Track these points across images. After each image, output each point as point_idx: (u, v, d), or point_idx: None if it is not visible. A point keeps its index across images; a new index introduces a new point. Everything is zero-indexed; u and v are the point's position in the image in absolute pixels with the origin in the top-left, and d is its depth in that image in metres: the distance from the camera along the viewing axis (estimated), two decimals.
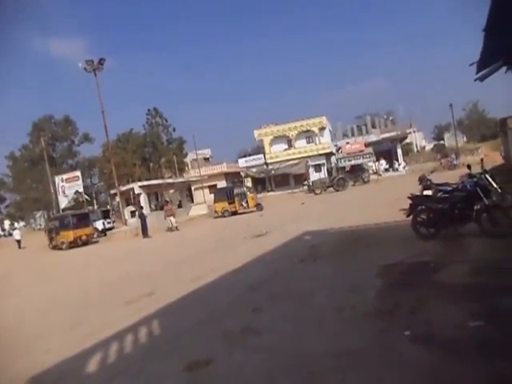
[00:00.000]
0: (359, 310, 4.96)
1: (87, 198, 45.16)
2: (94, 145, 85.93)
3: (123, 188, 35.09)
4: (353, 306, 5.12)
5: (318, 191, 34.90)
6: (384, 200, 17.70)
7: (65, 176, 39.53)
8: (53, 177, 40.67)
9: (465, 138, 66.52)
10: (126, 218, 32.64)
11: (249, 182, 47.46)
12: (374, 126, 63.51)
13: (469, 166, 9.47)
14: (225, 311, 5.94)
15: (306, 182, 42.09)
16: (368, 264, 7.12)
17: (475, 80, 8.34)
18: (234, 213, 27.62)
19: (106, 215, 32.71)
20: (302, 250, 9.41)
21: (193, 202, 46.16)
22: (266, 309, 5.63)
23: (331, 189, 34.64)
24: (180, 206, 37.90)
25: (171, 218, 23.59)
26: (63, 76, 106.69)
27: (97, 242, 25.76)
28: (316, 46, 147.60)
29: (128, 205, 37.15)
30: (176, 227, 23.20)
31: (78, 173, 40.21)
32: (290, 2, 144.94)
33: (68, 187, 38.28)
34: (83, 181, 43.94)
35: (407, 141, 56.89)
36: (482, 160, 28.79)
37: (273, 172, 47.41)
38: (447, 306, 4.62)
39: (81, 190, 39.01)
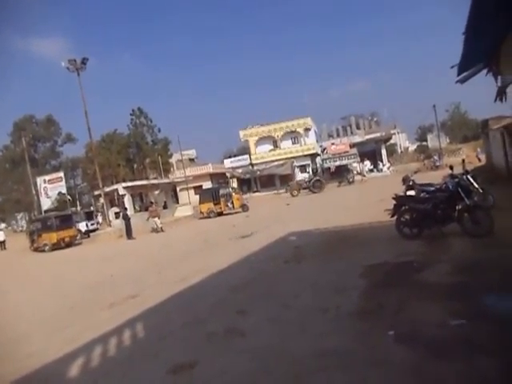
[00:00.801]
0: (343, 310, 4.99)
1: (70, 198, 44.55)
2: (78, 145, 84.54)
3: (107, 189, 34.76)
4: (337, 306, 5.15)
5: (294, 193, 35.10)
6: (368, 200, 17.86)
7: (47, 177, 38.94)
8: (35, 178, 40.01)
9: (447, 139, 67.43)
10: (110, 219, 32.29)
11: (234, 183, 47.37)
12: (358, 127, 64.09)
13: (451, 167, 9.61)
14: (209, 313, 5.90)
15: (290, 183, 42.23)
16: (352, 264, 7.17)
17: (456, 82, 8.46)
18: (220, 214, 27.53)
19: (89, 216, 32.31)
20: (287, 251, 9.43)
21: (178, 202, 45.96)
22: (250, 310, 5.62)
23: (307, 190, 34.99)
24: (165, 206, 37.72)
25: (156, 219, 23.42)
26: (45, 76, 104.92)
27: (80, 243, 25.40)
28: (301, 46, 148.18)
29: (112, 206, 36.81)
30: (161, 228, 23.03)
31: (62, 174, 39.63)
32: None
33: (51, 188, 37.73)
34: (66, 182, 43.29)
35: (391, 142, 57.47)
36: (463, 161, 29.32)
37: (258, 173, 47.43)
38: (430, 305, 4.68)
39: (64, 191, 38.46)
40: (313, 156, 48.84)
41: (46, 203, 38.01)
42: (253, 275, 7.73)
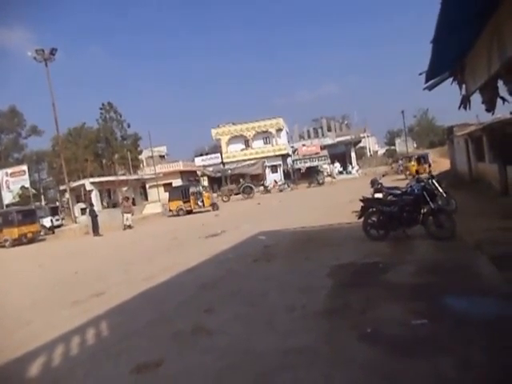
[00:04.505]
0: (310, 309, 5.04)
1: (35, 192, 43.14)
2: (44, 138, 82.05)
3: (74, 184, 33.83)
4: (304, 305, 5.20)
5: (225, 199, 35.69)
6: (338, 202, 18.15)
7: (9, 170, 37.58)
8: None
9: (415, 144, 69.28)
10: (76, 215, 31.48)
11: (205, 181, 47.15)
12: (329, 130, 64.98)
13: (417, 172, 9.87)
14: (176, 311, 5.84)
15: (262, 182, 42.52)
16: (320, 264, 7.26)
17: (424, 89, 8.72)
18: (189, 212, 27.29)
19: (54, 212, 31.35)
20: (256, 250, 9.45)
21: (147, 200, 45.25)
22: (217, 309, 5.60)
23: (240, 196, 36.35)
24: (134, 203, 36.99)
25: (129, 215, 23.05)
26: (8, 67, 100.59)
27: (44, 239, 24.64)
28: (275, 47, 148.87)
29: (78, 201, 35.86)
30: (129, 225, 22.66)
31: (25, 167, 38.25)
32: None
33: (13, 182, 36.41)
34: (30, 176, 41.89)
35: (361, 145, 58.59)
36: (429, 166, 30.23)
37: (229, 171, 47.35)
38: (394, 305, 4.79)
39: (27, 185, 37.18)
40: (284, 157, 49.20)
41: (7, 197, 36.64)
42: (221, 274, 7.70)
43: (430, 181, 9.40)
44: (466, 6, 4.81)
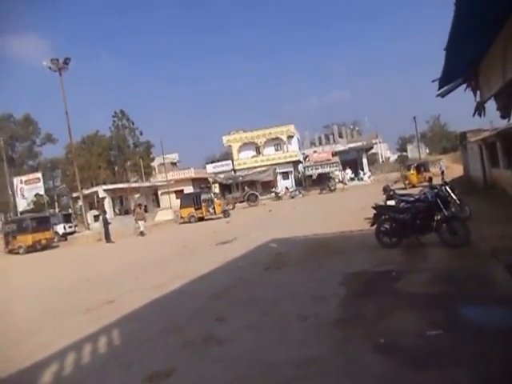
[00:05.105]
0: (322, 318, 4.99)
1: (49, 200, 43.68)
2: (58, 146, 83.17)
3: (87, 191, 34.18)
4: (316, 314, 5.14)
5: (230, 206, 34.74)
6: (349, 209, 18.01)
7: (24, 177, 38.13)
8: (11, 178, 39.08)
9: (427, 150, 68.76)
10: (89, 222, 31.76)
11: (216, 188, 47.28)
12: (340, 136, 64.85)
13: (430, 178, 9.77)
14: (188, 320, 5.82)
15: (273, 189, 42.50)
16: (332, 272, 7.20)
17: (437, 96, 8.65)
18: (201, 219, 27.36)
19: (67, 219, 31.69)
20: (268, 258, 9.41)
21: (159, 206, 45.50)
22: (229, 317, 5.57)
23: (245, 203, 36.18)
24: (146, 210, 37.21)
25: (142, 222, 23.22)
26: (24, 75, 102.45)
27: (57, 246, 24.89)
28: (287, 53, 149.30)
29: (91, 209, 36.19)
30: (141, 232, 22.80)
31: (39, 174, 38.85)
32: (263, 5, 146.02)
33: (27, 189, 36.94)
34: (45, 183, 42.50)
35: (373, 151, 58.24)
36: (442, 172, 29.85)
37: (240, 178, 47.41)
38: (408, 314, 4.72)
39: (42, 192, 37.70)
40: (295, 163, 49.14)
41: (21, 204, 37.15)
42: (233, 282, 7.67)
43: (443, 187, 9.27)
44: (480, 13, 4.75)
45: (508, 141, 13.64)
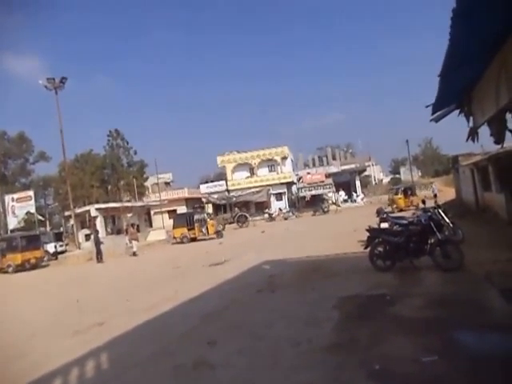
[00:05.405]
0: (316, 343, 4.90)
1: (41, 218, 43.23)
2: (51, 164, 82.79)
3: (79, 210, 33.91)
4: (309, 339, 5.05)
5: (220, 227, 34.69)
6: (343, 230, 17.98)
7: (16, 195, 37.70)
8: (3, 195, 38.72)
9: (419, 173, 69.35)
10: (80, 241, 31.39)
11: (210, 209, 47.13)
12: (334, 158, 65.35)
13: (423, 201, 9.82)
14: (178, 344, 5.70)
15: (266, 210, 42.49)
16: (326, 295, 7.12)
17: (430, 120, 8.78)
18: (193, 239, 27.13)
19: (58, 238, 31.31)
20: (261, 280, 9.31)
21: (151, 226, 45.19)
22: (221, 341, 5.46)
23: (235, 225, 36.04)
24: (138, 230, 36.92)
25: (135, 242, 23.03)
26: (19, 93, 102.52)
27: (47, 265, 24.50)
28: (281, 75, 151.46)
29: (83, 227, 35.84)
30: (134, 252, 22.56)
31: (31, 192, 38.41)
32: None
33: (19, 207, 36.49)
34: (36, 201, 42.05)
35: (366, 173, 58.64)
36: (435, 195, 30.02)
37: (234, 199, 47.36)
38: (402, 340, 4.65)
39: (33, 210, 37.27)
40: (289, 184, 49.29)
41: (12, 222, 36.68)
42: (225, 304, 7.56)
43: (436, 211, 9.31)
44: (474, 41, 4.86)
45: (499, 165, 13.80)
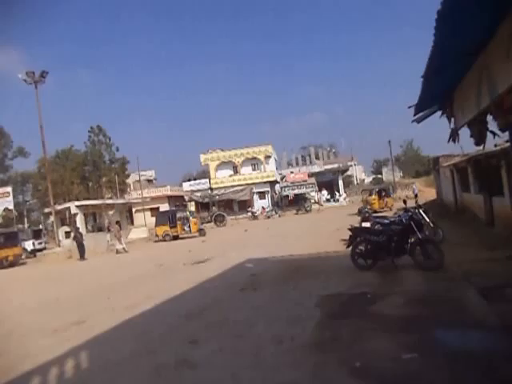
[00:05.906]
0: (298, 342, 4.92)
1: (17, 215, 42.35)
2: (30, 160, 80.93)
3: (59, 207, 33.35)
4: (291, 337, 5.07)
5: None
6: (325, 229, 18.10)
7: None
8: None
9: (401, 173, 70.28)
10: (60, 238, 30.88)
11: (192, 207, 46.87)
12: (317, 157, 65.73)
13: (404, 201, 9.95)
14: (160, 342, 5.65)
15: (249, 209, 42.52)
16: (308, 294, 7.16)
17: (413, 121, 8.88)
18: (176, 237, 26.97)
19: (37, 235, 30.76)
20: (243, 279, 9.31)
21: (133, 224, 44.73)
22: (203, 340, 5.43)
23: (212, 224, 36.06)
24: (120, 228, 36.51)
25: (121, 239, 22.77)
26: None
27: (25, 263, 24.02)
28: (265, 75, 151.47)
29: (63, 225, 35.27)
30: (117, 250, 22.30)
31: (9, 189, 37.69)
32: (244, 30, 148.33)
33: None
34: (14, 197, 41.21)
35: (348, 173, 59.18)
36: (416, 195, 30.50)
37: (217, 197, 47.23)
38: (383, 337, 4.70)
39: (11, 207, 36.51)
40: (272, 183, 49.36)
41: None
42: (207, 302, 7.53)
43: (417, 210, 9.46)
44: (457, 43, 4.94)
45: (478, 166, 14.08)
